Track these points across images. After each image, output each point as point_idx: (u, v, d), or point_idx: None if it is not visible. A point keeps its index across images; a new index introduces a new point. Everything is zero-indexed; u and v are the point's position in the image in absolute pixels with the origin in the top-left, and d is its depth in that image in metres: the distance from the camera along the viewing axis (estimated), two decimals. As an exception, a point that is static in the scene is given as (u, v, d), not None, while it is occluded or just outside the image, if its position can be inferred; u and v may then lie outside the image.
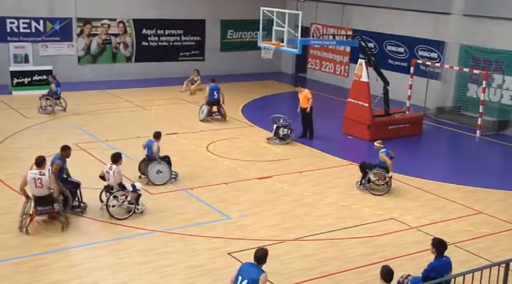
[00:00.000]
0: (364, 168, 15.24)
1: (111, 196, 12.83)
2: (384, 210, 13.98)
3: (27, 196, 12.16)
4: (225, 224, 12.90)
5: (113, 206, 12.89)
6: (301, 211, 13.79)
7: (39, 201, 12.08)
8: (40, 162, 12.16)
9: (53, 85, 21.72)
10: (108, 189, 13.06)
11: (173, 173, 15.14)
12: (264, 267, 8.37)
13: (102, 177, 13.15)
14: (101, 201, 13.28)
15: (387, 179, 15.03)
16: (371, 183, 15.12)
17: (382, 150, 14.97)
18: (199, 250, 11.61)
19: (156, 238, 12.09)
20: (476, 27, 22.64)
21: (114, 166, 12.89)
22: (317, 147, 18.80)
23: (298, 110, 19.73)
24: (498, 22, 22.03)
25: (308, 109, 19.39)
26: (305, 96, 19.55)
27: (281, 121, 19.29)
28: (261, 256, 8.31)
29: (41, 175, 12.00)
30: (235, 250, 11.60)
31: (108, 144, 18.04)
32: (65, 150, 13.08)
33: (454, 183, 16.06)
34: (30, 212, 12.12)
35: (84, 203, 13.20)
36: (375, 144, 15.31)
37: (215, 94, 21.54)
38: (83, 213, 13.04)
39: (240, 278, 8.21)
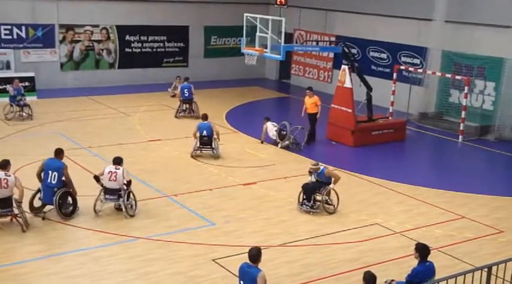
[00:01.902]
0: (311, 189, 13.99)
1: (126, 198, 13.24)
2: (367, 216, 14.02)
3: None
4: (210, 230, 12.87)
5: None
6: (286, 216, 13.79)
7: (1, 203, 12.18)
8: (5, 165, 12.43)
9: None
10: (110, 191, 13.17)
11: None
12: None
13: (97, 177, 13.34)
14: (95, 211, 13.26)
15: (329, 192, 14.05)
16: (318, 203, 14.03)
17: (322, 168, 14.04)
18: (183, 257, 11.56)
19: (140, 245, 12.02)
20: (458, 34, 22.84)
21: (120, 167, 13.23)
22: (301, 153, 18.82)
23: (303, 114, 19.95)
24: (479, 28, 22.24)
25: (318, 115, 19.70)
26: (315, 102, 19.73)
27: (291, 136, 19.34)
28: (254, 254, 8.39)
29: (6, 176, 12.24)
30: (220, 257, 11.57)
31: (91, 151, 17.93)
32: (61, 153, 13.42)
33: (437, 188, 16.15)
34: None
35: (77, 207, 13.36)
36: (311, 166, 14.14)
37: (186, 92, 22.67)
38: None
39: (241, 282, 8.39)
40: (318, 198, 14.05)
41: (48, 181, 12.90)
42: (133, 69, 28.77)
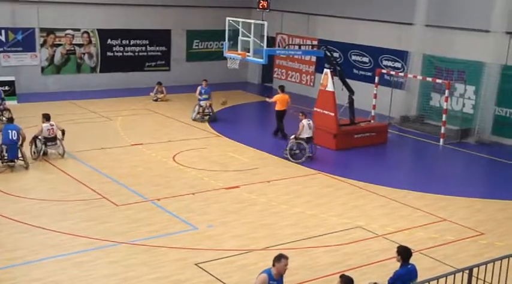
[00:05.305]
0: None
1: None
2: (350, 219, 14.08)
3: None
4: (192, 234, 12.84)
5: None
6: (269, 220, 13.80)
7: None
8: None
9: None
10: (50, 140, 17.26)
11: None
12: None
13: (36, 137, 17.11)
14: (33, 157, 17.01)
15: None
16: None
17: None
18: (166, 261, 11.52)
19: (123, 250, 11.95)
20: (438, 38, 23.08)
21: (54, 123, 17.30)
22: (284, 157, 18.84)
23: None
24: (459, 33, 22.47)
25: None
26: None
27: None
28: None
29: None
30: (203, 261, 11.54)
31: (73, 156, 17.80)
32: (13, 120, 17.60)
33: (418, 191, 16.26)
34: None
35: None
36: None
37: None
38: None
39: None
40: None
41: (10, 138, 16.15)
42: (115, 73, 28.64)
